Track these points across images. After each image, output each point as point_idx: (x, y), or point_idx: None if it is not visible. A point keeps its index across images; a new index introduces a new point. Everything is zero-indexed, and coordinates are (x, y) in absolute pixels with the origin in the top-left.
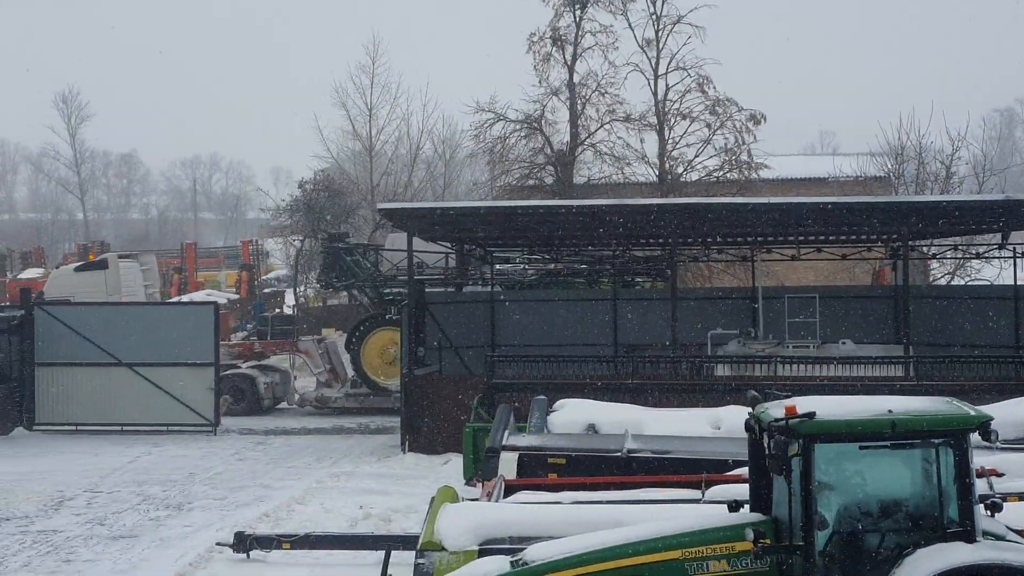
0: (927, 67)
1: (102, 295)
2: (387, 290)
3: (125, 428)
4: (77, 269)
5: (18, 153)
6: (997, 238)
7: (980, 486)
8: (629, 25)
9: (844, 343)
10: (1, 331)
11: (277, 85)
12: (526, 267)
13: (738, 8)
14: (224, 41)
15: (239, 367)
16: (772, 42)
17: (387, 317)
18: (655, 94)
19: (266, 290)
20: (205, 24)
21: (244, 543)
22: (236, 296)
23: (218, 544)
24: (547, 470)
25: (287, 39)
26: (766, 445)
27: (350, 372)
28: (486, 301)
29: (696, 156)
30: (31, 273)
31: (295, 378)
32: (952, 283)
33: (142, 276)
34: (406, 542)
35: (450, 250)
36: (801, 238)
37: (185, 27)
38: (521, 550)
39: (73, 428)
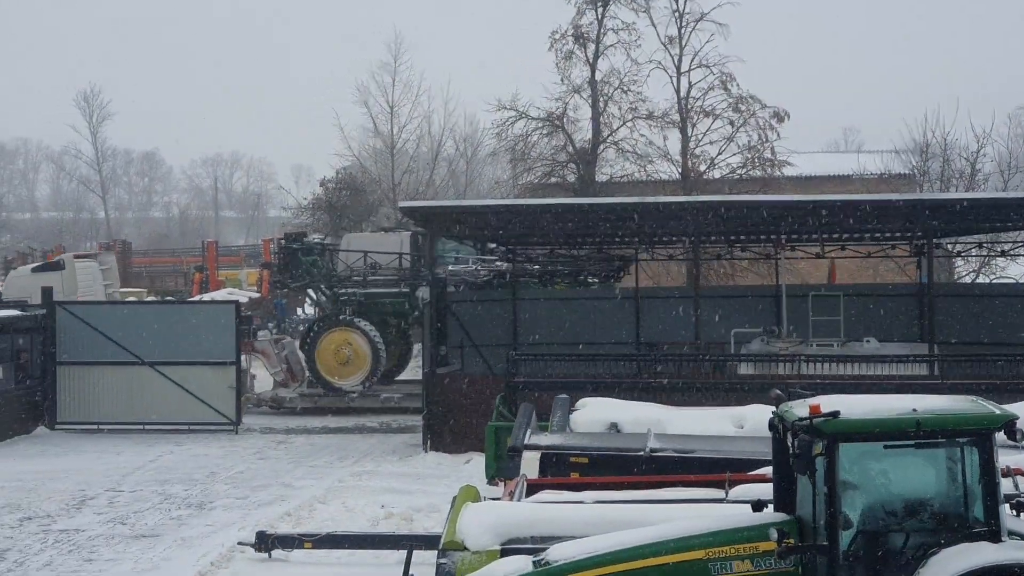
0: (952, 64)
1: (58, 296)
2: (342, 290)
3: (147, 427)
4: (34, 270)
5: (40, 152)
6: (1023, 236)
7: (1005, 485)
8: (652, 23)
9: (868, 341)
10: (23, 330)
11: (299, 83)
12: (478, 268)
13: (761, 5)
14: (247, 39)
15: None
16: (796, 39)
17: (340, 318)
18: (678, 91)
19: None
20: (228, 23)
21: (266, 542)
22: (257, 295)
23: (240, 543)
24: (569, 469)
25: (310, 37)
26: (790, 444)
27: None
28: (508, 300)
29: (719, 154)
30: None
31: (253, 378)
32: (977, 281)
33: (101, 276)
34: (428, 541)
35: (406, 252)
36: (825, 236)
37: (208, 26)
38: (543, 550)
39: (95, 427)
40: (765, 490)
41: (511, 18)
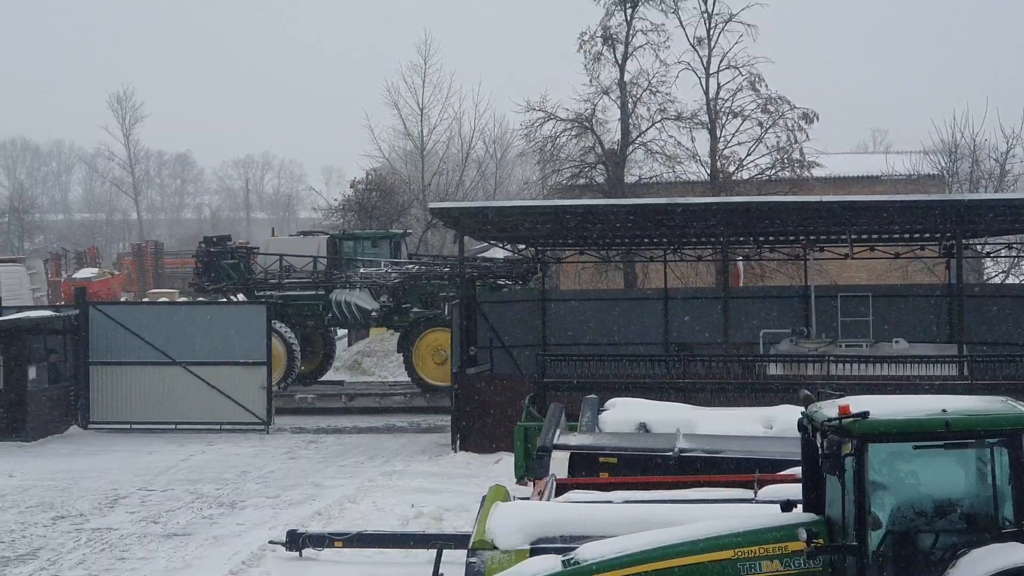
0: (982, 64)
1: None
2: (260, 293)
3: (179, 427)
4: None
5: (73, 153)
6: None
7: None
8: (680, 24)
9: (897, 342)
10: (56, 331)
11: (330, 85)
12: (389, 271)
13: (790, 6)
14: (279, 41)
15: None
16: (825, 40)
17: None
18: (706, 92)
19: None
20: (260, 25)
21: (296, 541)
22: None
23: (271, 542)
24: (598, 469)
25: (341, 39)
26: (819, 445)
27: None
28: (537, 300)
29: (748, 155)
30: (86, 273)
31: None
32: (1006, 281)
33: (29, 280)
34: (458, 541)
35: (306, 255)
36: (854, 236)
37: (240, 29)
38: (573, 549)
39: (127, 426)
40: (794, 490)
41: (540, 20)
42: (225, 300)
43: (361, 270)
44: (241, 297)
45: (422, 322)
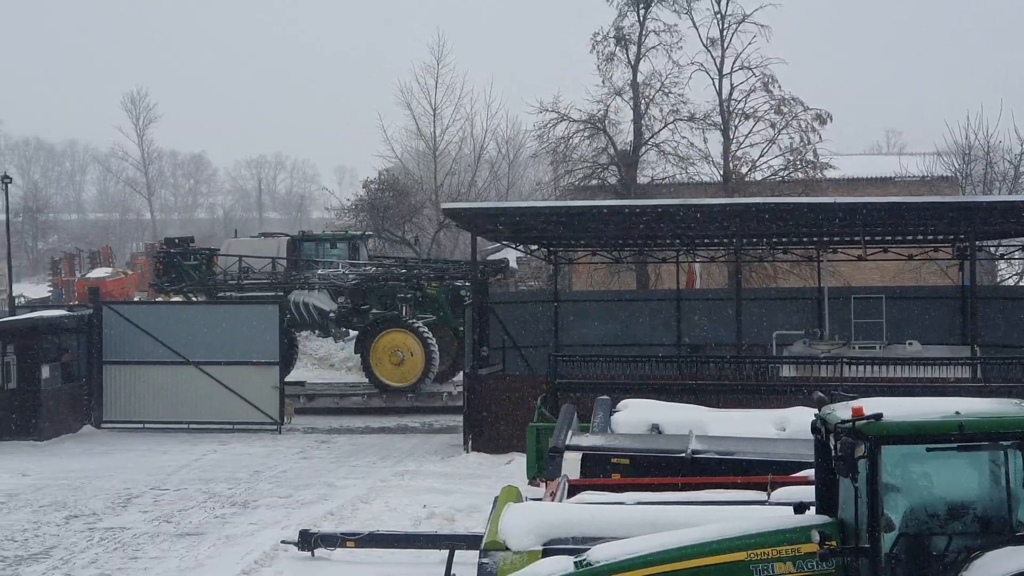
0: (996, 66)
1: None
2: (220, 294)
3: (191, 426)
4: None
5: (87, 153)
6: None
7: None
8: (694, 24)
9: (911, 344)
10: (70, 330)
11: (342, 85)
12: (347, 272)
13: (803, 7)
14: (291, 42)
15: None
16: (838, 41)
17: None
18: (719, 94)
19: None
20: (272, 26)
21: (309, 541)
22: None
23: (283, 542)
24: (611, 470)
25: (354, 40)
26: (832, 447)
27: None
28: (550, 301)
29: (761, 156)
30: (99, 272)
31: None
32: (1020, 284)
33: None
34: (470, 541)
35: (266, 256)
36: (867, 238)
37: (253, 30)
38: (585, 550)
39: (140, 426)
40: (807, 492)
41: (553, 21)
42: (190, 302)
43: (319, 271)
44: (203, 298)
45: (380, 323)
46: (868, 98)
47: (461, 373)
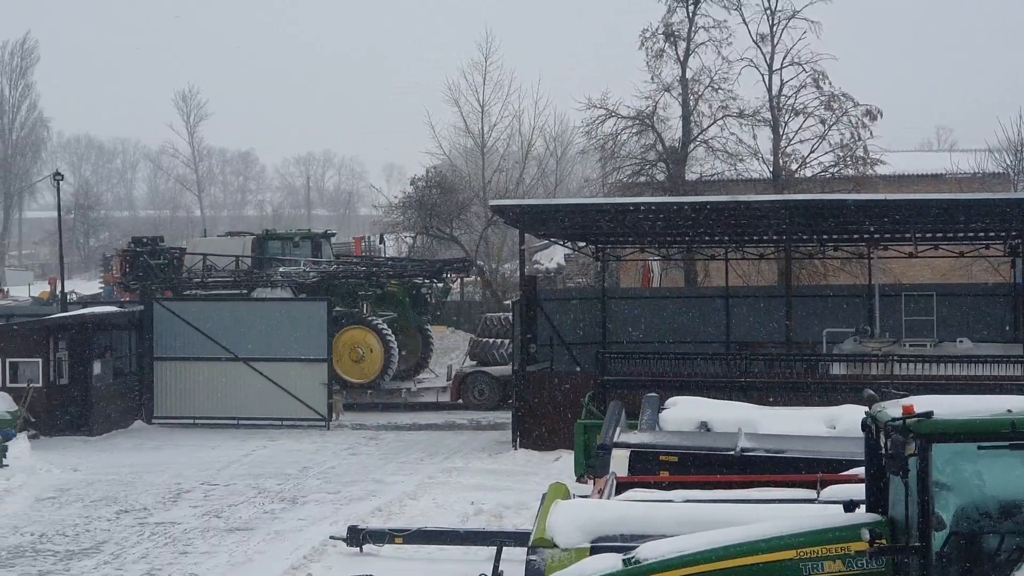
0: None
1: None
2: (187, 292)
3: (240, 422)
4: None
5: (138, 151)
6: None
7: None
8: (743, 20)
9: (962, 341)
10: (121, 327)
11: (391, 83)
12: (307, 269)
13: (854, 2)
14: (340, 40)
15: None
16: (888, 36)
17: None
18: (769, 90)
19: None
20: (322, 24)
21: (357, 537)
22: None
23: (332, 537)
24: (659, 468)
25: (402, 37)
26: (883, 445)
27: None
28: (598, 298)
29: (811, 152)
30: None
31: None
32: None
33: None
34: (517, 538)
35: (241, 255)
36: (919, 235)
37: (302, 28)
38: (633, 548)
39: (190, 421)
40: (857, 490)
41: (602, 17)
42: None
43: (281, 269)
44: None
45: (341, 320)
46: (919, 94)
47: (426, 371)
